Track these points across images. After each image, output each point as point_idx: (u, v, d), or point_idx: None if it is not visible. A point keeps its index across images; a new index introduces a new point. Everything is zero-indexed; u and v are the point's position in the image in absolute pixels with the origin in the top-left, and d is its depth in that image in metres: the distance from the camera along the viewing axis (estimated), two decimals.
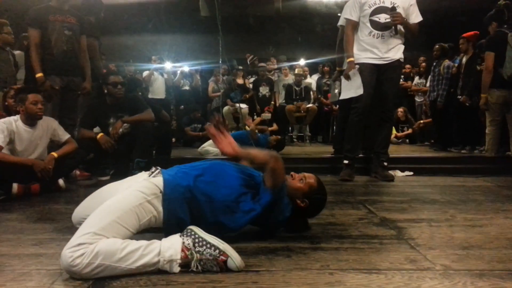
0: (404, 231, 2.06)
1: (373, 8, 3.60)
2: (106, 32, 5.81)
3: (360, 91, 3.58)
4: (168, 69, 7.92)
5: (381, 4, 3.58)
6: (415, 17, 3.62)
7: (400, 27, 3.56)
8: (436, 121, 6.10)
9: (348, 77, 3.65)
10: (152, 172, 1.81)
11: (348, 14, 3.71)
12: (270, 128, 7.23)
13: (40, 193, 3.10)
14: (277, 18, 9.44)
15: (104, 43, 5.28)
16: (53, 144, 3.43)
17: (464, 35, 5.66)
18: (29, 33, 3.87)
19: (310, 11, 9.79)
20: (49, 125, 3.36)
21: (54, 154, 3.23)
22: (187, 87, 8.02)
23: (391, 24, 3.55)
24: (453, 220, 2.28)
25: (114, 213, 1.50)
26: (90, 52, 4.28)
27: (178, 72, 8.04)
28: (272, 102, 7.74)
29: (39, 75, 3.75)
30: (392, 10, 3.52)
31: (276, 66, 8.55)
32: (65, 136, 3.42)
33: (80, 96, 4.15)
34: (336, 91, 6.20)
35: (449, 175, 4.11)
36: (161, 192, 1.64)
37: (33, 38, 3.79)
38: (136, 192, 1.61)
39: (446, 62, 5.82)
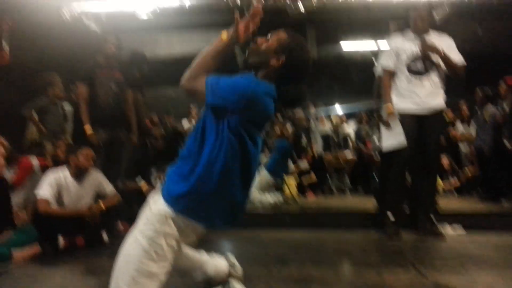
0: None
1: (409, 55, 3.59)
2: (150, 85, 6.05)
3: (402, 141, 3.49)
4: None
5: (418, 52, 3.56)
6: (455, 55, 3.54)
7: (439, 65, 3.51)
8: (484, 171, 5.83)
9: (388, 126, 3.59)
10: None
11: (385, 62, 3.71)
12: (308, 179, 7.16)
13: (85, 247, 3.14)
14: (312, 66, 9.57)
15: (148, 95, 5.49)
16: (98, 197, 3.51)
17: (507, 78, 5.49)
18: (79, 88, 4.09)
19: (345, 60, 9.89)
20: (95, 178, 3.46)
21: (101, 203, 3.31)
22: None
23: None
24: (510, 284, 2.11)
25: (130, 269, 1.48)
26: (134, 104, 4.45)
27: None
28: (309, 150, 7.68)
29: (87, 129, 3.91)
30: (426, 62, 3.50)
31: (312, 112, 8.57)
32: (110, 189, 3.51)
33: (124, 148, 4.28)
34: (376, 139, 6.11)
35: (504, 231, 3.84)
36: (168, 213, 1.55)
37: (82, 93, 4.00)
38: (138, 235, 1.56)
39: (490, 108, 5.63)
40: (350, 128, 7.98)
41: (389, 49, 3.71)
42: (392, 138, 3.59)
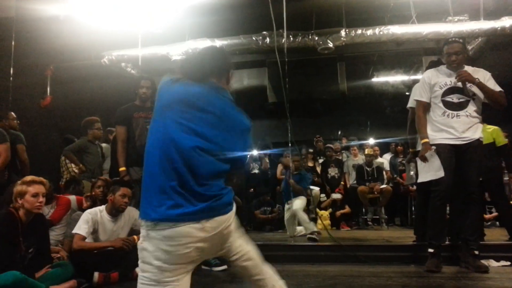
0: None
1: (444, 89, 3.53)
2: None
3: (441, 173, 3.39)
4: None
5: (453, 85, 3.51)
6: (494, 88, 3.46)
7: (475, 96, 3.43)
8: None
9: (424, 159, 3.50)
10: None
11: (418, 95, 3.66)
12: (342, 211, 7.01)
13: (119, 282, 3.17)
14: (343, 100, 9.60)
15: None
16: (133, 233, 3.56)
17: None
18: (117, 130, 4.24)
19: (376, 92, 9.87)
20: (131, 215, 3.53)
21: (135, 236, 3.36)
22: (256, 171, 8.16)
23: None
24: None
25: None
26: None
27: (248, 156, 8.26)
28: (342, 183, 7.59)
29: (122, 169, 4.02)
30: (463, 92, 3.44)
31: (343, 145, 8.51)
32: None
33: None
34: (412, 173, 5.94)
35: None
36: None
37: (120, 135, 4.14)
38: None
39: None
40: (384, 160, 7.83)
41: (422, 82, 3.67)
42: (429, 171, 3.49)
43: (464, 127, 3.44)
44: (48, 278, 2.87)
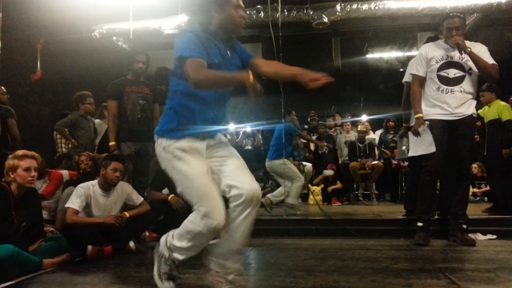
0: None
1: (440, 63, 3.52)
2: None
3: (432, 149, 3.42)
4: (231, 130, 8.17)
5: (449, 59, 3.50)
6: (488, 60, 3.45)
7: (471, 70, 3.44)
8: None
9: (417, 133, 3.53)
10: None
11: (415, 69, 3.65)
12: (333, 186, 7.08)
13: (113, 255, 3.20)
14: (337, 76, 9.56)
15: None
16: (127, 208, 3.58)
17: None
18: (108, 104, 4.21)
19: (370, 68, 9.83)
20: (124, 190, 3.54)
21: (126, 213, 3.38)
22: (249, 147, 8.18)
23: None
24: None
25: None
26: None
27: (241, 132, 8.26)
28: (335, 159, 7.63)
29: (112, 143, 4.01)
30: (459, 66, 3.44)
31: (338, 122, 8.53)
32: (139, 199, 3.59)
33: (151, 159, 4.37)
34: (404, 148, 5.99)
35: None
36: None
37: (111, 109, 4.11)
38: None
39: None
40: (375, 136, 7.87)
41: (419, 56, 3.65)
42: (421, 146, 3.54)
43: (458, 103, 3.45)
44: (41, 252, 2.90)
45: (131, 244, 3.35)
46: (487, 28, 7.58)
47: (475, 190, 6.64)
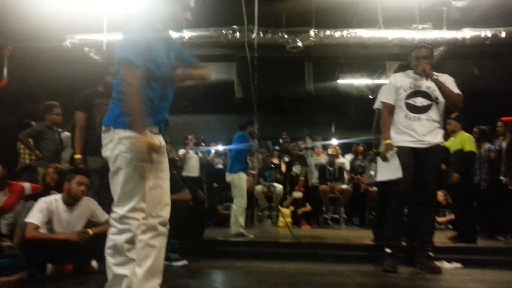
0: None
1: (408, 91, 3.63)
2: None
3: (399, 174, 3.50)
4: (203, 148, 8.09)
5: (417, 88, 3.61)
6: (453, 89, 3.58)
7: (438, 98, 3.55)
8: (480, 207, 5.80)
9: (385, 159, 3.63)
10: None
11: (384, 97, 3.76)
12: (303, 209, 7.09)
13: (74, 274, 3.05)
14: (309, 100, 9.72)
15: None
16: (91, 225, 3.43)
17: (503, 118, 5.58)
18: (76, 115, 4.07)
19: (341, 94, 10.05)
20: (88, 206, 3.40)
21: (89, 230, 3.24)
22: (220, 166, 8.11)
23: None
24: None
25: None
26: None
27: (212, 151, 8.20)
28: (302, 178, 7.66)
29: (77, 156, 3.86)
30: (426, 95, 3.56)
31: (309, 145, 8.61)
32: (104, 216, 3.43)
33: None
34: (372, 172, 6.09)
35: (502, 268, 3.79)
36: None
37: (79, 121, 3.97)
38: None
39: (487, 145, 5.68)
40: (345, 160, 7.99)
41: (389, 85, 3.77)
42: (388, 171, 3.63)
43: (425, 131, 3.54)
44: None
45: (94, 263, 3.19)
46: (452, 60, 7.96)
47: (440, 218, 6.80)
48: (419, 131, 3.54)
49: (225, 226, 5.99)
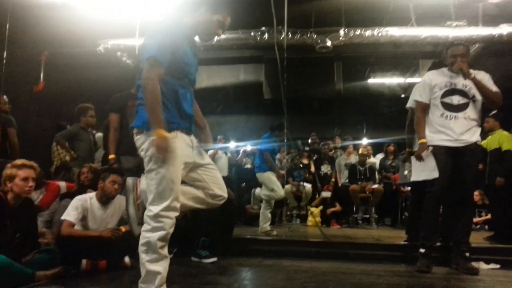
0: None
1: (444, 90, 3.52)
2: None
3: (435, 174, 3.39)
4: (232, 148, 8.14)
5: (453, 87, 3.50)
6: (491, 87, 3.47)
7: (475, 98, 3.44)
8: None
9: (420, 158, 3.51)
10: None
11: (418, 96, 3.66)
12: (333, 209, 7.01)
13: (107, 270, 3.12)
14: (339, 99, 9.61)
15: None
16: (124, 222, 3.50)
17: None
18: (110, 117, 4.19)
19: (372, 93, 9.88)
20: (121, 204, 3.48)
21: (122, 227, 3.31)
22: (248, 166, 8.13)
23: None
24: None
25: None
26: None
27: (241, 150, 8.24)
28: (333, 179, 7.59)
29: (111, 156, 3.96)
30: (463, 94, 3.45)
31: (338, 145, 8.52)
32: None
33: None
34: (406, 172, 5.95)
35: None
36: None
37: (113, 122, 4.08)
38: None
39: None
40: (376, 160, 7.85)
41: (423, 83, 3.67)
42: (424, 171, 3.52)
43: (462, 129, 3.43)
44: (34, 264, 2.82)
45: (127, 259, 3.27)
46: (488, 58, 7.67)
47: (476, 218, 6.57)
48: (456, 130, 3.43)
49: (254, 225, 5.99)
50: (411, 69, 9.36)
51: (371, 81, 9.71)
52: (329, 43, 7.15)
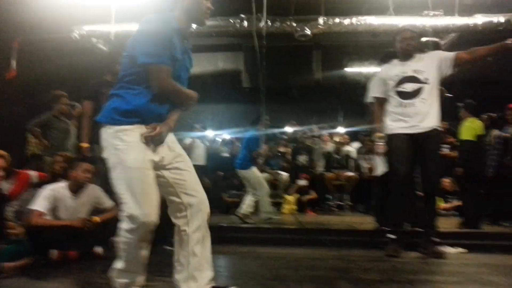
0: None
1: (396, 80, 3.59)
2: None
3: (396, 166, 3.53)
4: (210, 137, 8.13)
5: (404, 75, 3.57)
6: (449, 63, 3.55)
7: (429, 79, 3.52)
8: (487, 194, 5.73)
9: (379, 153, 3.67)
10: None
11: (373, 92, 3.83)
12: (308, 196, 7.09)
13: (78, 260, 3.10)
14: (317, 88, 9.65)
15: None
16: (96, 212, 3.48)
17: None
18: (83, 104, 4.12)
19: (349, 81, 9.95)
20: (93, 193, 3.45)
21: (95, 217, 3.28)
22: (226, 154, 8.14)
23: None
24: None
25: None
26: None
27: (218, 139, 8.25)
28: (307, 166, 7.66)
29: (85, 145, 3.91)
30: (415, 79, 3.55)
31: (315, 133, 8.59)
32: (108, 203, 3.48)
33: None
34: (374, 162, 6.07)
35: (505, 253, 3.77)
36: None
37: (87, 110, 4.01)
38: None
39: (496, 132, 5.58)
40: (352, 148, 7.94)
41: (376, 79, 3.82)
42: (384, 164, 3.69)
43: (420, 115, 3.50)
44: (2, 255, 2.78)
45: (98, 249, 3.24)
46: (463, 47, 7.76)
47: (446, 204, 6.75)
48: (414, 116, 3.51)
49: (230, 214, 6.01)
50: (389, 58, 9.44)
51: (349, 69, 9.76)
52: (308, 31, 7.14)
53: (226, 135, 8.47)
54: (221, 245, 3.94)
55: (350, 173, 7.11)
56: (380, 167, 3.80)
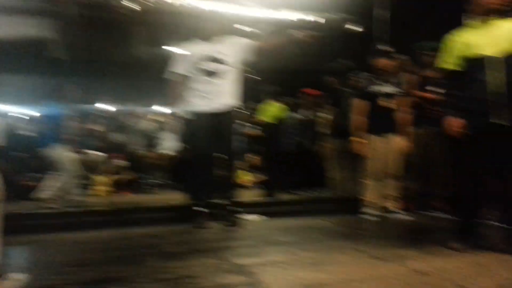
0: (255, 276, 2.11)
1: (198, 57, 3.76)
2: None
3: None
4: (8, 112, 7.07)
5: (207, 54, 3.75)
6: (249, 50, 3.83)
7: (229, 63, 3.78)
8: (287, 167, 6.56)
9: (172, 130, 3.82)
10: None
11: (174, 67, 3.85)
12: (125, 177, 6.90)
13: None
14: (135, 64, 9.34)
15: None
16: None
17: (303, 90, 6.37)
18: None
19: (166, 60, 9.93)
20: None
21: None
22: (22, 132, 7.19)
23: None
24: (299, 261, 2.44)
25: None
26: None
27: (17, 116, 7.26)
28: (124, 145, 7.46)
29: None
30: (216, 60, 3.76)
31: (134, 112, 8.37)
32: None
33: None
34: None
35: (297, 216, 4.37)
36: None
37: None
38: None
39: (292, 114, 6.39)
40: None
41: (178, 54, 3.89)
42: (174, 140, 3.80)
43: (219, 94, 3.75)
44: None
45: None
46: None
47: (255, 179, 7.47)
48: (212, 93, 3.73)
49: (29, 199, 5.34)
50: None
51: (166, 48, 9.72)
52: (132, 6, 6.88)
53: (26, 110, 7.49)
54: (21, 234, 3.52)
55: (170, 152, 7.17)
56: (170, 143, 3.90)
